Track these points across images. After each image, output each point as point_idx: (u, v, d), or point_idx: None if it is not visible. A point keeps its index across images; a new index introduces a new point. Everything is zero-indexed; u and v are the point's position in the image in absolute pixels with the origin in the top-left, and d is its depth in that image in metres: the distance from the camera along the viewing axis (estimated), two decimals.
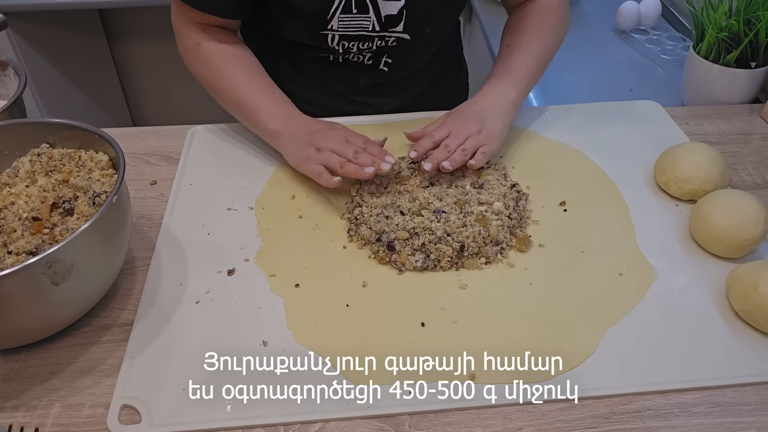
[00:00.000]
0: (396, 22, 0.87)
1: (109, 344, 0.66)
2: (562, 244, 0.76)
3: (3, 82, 0.94)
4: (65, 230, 0.64)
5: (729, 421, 0.59)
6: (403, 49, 0.93)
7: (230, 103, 0.88)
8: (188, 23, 0.88)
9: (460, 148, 0.80)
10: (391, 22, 0.87)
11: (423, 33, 0.92)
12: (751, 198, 0.74)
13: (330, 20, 0.85)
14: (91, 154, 0.72)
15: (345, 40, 0.89)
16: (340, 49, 0.90)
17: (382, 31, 0.88)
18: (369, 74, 0.96)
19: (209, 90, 0.89)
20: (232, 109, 0.88)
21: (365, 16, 0.86)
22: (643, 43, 1.37)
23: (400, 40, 0.90)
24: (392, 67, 0.96)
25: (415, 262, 0.72)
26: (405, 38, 0.90)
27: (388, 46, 0.91)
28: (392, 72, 0.96)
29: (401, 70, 0.97)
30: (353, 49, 0.91)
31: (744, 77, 1.01)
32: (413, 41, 0.91)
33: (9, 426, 0.59)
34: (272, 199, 0.83)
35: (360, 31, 0.87)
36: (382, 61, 0.95)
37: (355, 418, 0.59)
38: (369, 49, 0.91)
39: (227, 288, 0.71)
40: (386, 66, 0.95)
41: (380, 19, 0.86)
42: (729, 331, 0.66)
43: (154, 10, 2.13)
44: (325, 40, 0.88)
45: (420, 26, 0.90)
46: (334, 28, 0.86)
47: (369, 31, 0.88)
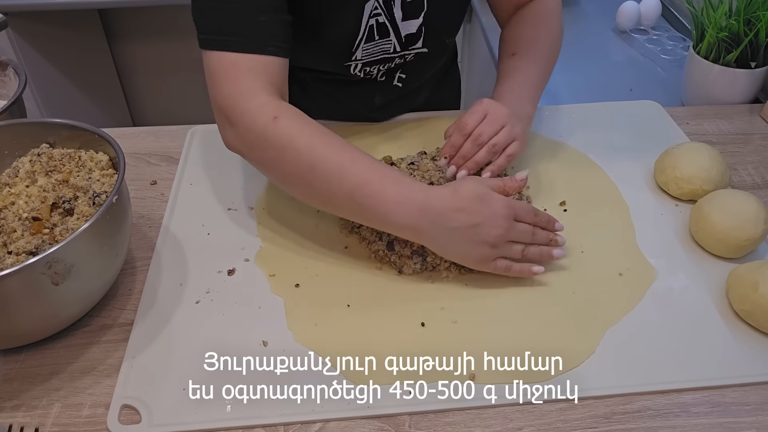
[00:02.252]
0: (416, 40, 0.86)
1: (109, 344, 0.66)
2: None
3: (3, 82, 0.93)
4: (65, 230, 0.64)
5: (729, 421, 0.59)
6: (417, 62, 0.92)
7: (336, 195, 0.67)
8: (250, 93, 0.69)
9: (490, 143, 0.74)
10: (411, 40, 0.86)
11: (441, 44, 0.91)
12: (751, 198, 0.74)
13: (354, 52, 0.84)
14: (91, 154, 0.72)
15: (367, 65, 0.87)
16: (361, 75, 0.89)
17: (403, 50, 0.87)
18: (383, 91, 0.94)
19: (294, 181, 0.69)
20: (337, 201, 0.68)
21: (386, 39, 0.84)
22: (643, 43, 1.37)
23: (418, 55, 0.90)
24: (405, 81, 0.94)
25: (414, 264, 0.72)
26: (423, 52, 0.89)
27: (405, 62, 0.91)
28: (405, 86, 0.95)
29: (413, 81, 0.95)
30: (373, 72, 0.90)
31: (744, 77, 1.01)
32: (429, 53, 0.90)
33: (9, 426, 0.59)
34: (272, 199, 0.83)
35: (382, 55, 0.86)
36: (395, 77, 0.93)
37: (355, 418, 0.59)
38: (388, 68, 0.90)
39: (227, 288, 0.71)
40: (399, 81, 0.94)
41: (401, 39, 0.85)
42: (729, 331, 0.66)
43: (154, 10, 2.13)
44: (348, 69, 0.87)
45: (438, 38, 0.89)
46: (358, 57, 0.85)
47: (390, 54, 0.87)
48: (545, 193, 0.83)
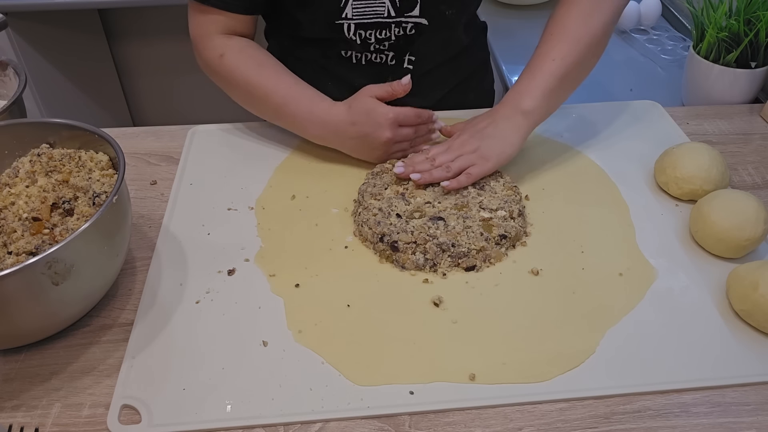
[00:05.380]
0: (411, 6, 0.87)
1: (109, 344, 0.66)
2: (562, 244, 0.76)
3: (3, 82, 0.93)
4: (65, 230, 0.64)
5: (729, 421, 0.59)
6: (424, 41, 0.92)
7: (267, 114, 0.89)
8: (208, 35, 0.86)
9: (444, 165, 0.79)
10: (407, 5, 0.87)
11: (442, 16, 0.90)
12: (751, 198, 0.74)
13: (344, 8, 0.85)
14: (91, 154, 0.71)
15: (361, 28, 0.88)
16: (358, 40, 0.89)
17: (398, 16, 0.87)
18: (394, 75, 0.93)
19: (240, 102, 0.89)
20: (270, 118, 0.89)
21: (379, 1, 0.85)
22: (643, 43, 1.37)
23: (418, 26, 0.89)
24: (416, 63, 0.95)
25: (416, 260, 0.72)
26: (423, 23, 0.89)
27: (407, 36, 0.90)
28: (417, 68, 0.95)
29: (426, 63, 0.95)
30: (371, 39, 0.90)
31: (744, 77, 1.01)
32: (432, 26, 0.90)
33: (9, 426, 0.59)
34: (272, 199, 0.83)
35: (375, 18, 0.87)
36: (405, 59, 0.94)
37: (355, 418, 0.59)
38: (388, 38, 0.90)
39: (227, 288, 0.71)
40: (410, 63, 0.95)
41: (395, 3, 0.86)
42: (729, 331, 0.66)
43: (154, 10, 2.13)
44: (341, 31, 0.88)
45: (437, 8, 0.89)
46: (349, 16, 0.86)
47: (384, 17, 0.87)
48: (545, 193, 0.83)
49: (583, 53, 0.81)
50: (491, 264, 0.73)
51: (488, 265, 0.73)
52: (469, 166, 0.79)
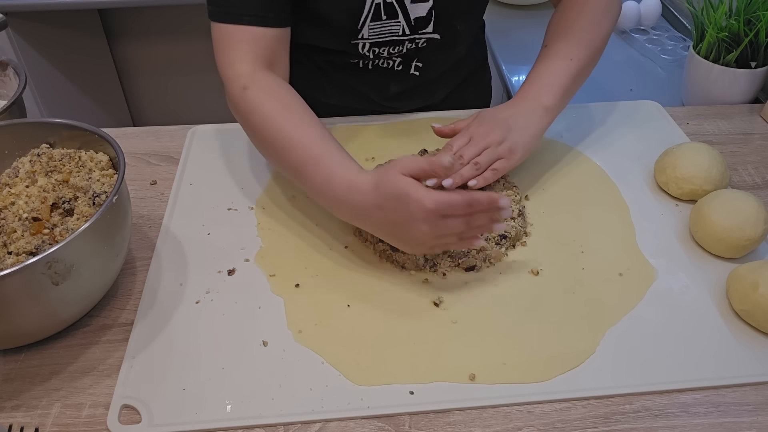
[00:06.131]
0: (426, 24, 0.86)
1: (109, 344, 0.66)
2: (562, 244, 0.76)
3: (3, 82, 0.93)
4: (65, 230, 0.64)
5: (729, 421, 0.59)
6: (433, 50, 0.91)
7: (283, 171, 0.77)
8: (231, 64, 0.76)
9: (472, 162, 0.73)
10: (421, 24, 0.86)
11: (453, 31, 0.90)
12: (751, 198, 0.74)
13: (360, 30, 0.84)
14: (91, 154, 0.72)
15: (376, 46, 0.87)
16: (371, 55, 0.89)
17: (413, 33, 0.87)
18: (399, 80, 0.94)
19: (256, 146, 0.78)
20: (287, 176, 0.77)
21: (395, 21, 0.84)
22: (643, 43, 1.37)
23: (430, 41, 0.89)
24: (422, 70, 0.94)
25: (416, 260, 0.72)
26: (435, 38, 0.89)
27: (418, 48, 0.90)
28: (422, 75, 0.94)
29: (431, 71, 0.95)
30: (384, 54, 0.89)
31: (744, 77, 1.01)
32: (443, 41, 0.89)
33: (9, 426, 0.59)
34: (272, 199, 0.83)
35: (390, 37, 0.86)
36: (412, 65, 0.93)
37: (355, 418, 0.59)
38: (400, 53, 0.90)
39: (227, 288, 0.71)
40: (417, 70, 0.94)
41: (410, 22, 0.85)
42: (729, 331, 0.66)
43: (154, 10, 2.13)
44: (356, 48, 0.87)
45: (450, 24, 0.88)
46: (365, 36, 0.85)
47: (399, 36, 0.86)
48: (545, 193, 0.83)
49: (594, 55, 0.84)
50: (491, 264, 0.73)
51: (488, 265, 0.73)
52: (497, 159, 0.75)
